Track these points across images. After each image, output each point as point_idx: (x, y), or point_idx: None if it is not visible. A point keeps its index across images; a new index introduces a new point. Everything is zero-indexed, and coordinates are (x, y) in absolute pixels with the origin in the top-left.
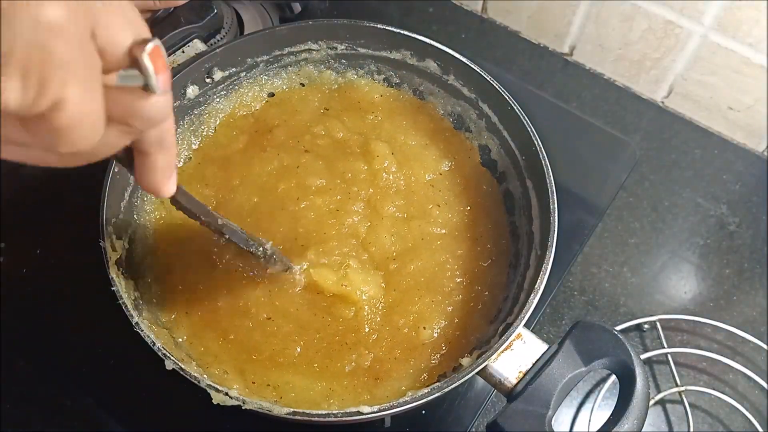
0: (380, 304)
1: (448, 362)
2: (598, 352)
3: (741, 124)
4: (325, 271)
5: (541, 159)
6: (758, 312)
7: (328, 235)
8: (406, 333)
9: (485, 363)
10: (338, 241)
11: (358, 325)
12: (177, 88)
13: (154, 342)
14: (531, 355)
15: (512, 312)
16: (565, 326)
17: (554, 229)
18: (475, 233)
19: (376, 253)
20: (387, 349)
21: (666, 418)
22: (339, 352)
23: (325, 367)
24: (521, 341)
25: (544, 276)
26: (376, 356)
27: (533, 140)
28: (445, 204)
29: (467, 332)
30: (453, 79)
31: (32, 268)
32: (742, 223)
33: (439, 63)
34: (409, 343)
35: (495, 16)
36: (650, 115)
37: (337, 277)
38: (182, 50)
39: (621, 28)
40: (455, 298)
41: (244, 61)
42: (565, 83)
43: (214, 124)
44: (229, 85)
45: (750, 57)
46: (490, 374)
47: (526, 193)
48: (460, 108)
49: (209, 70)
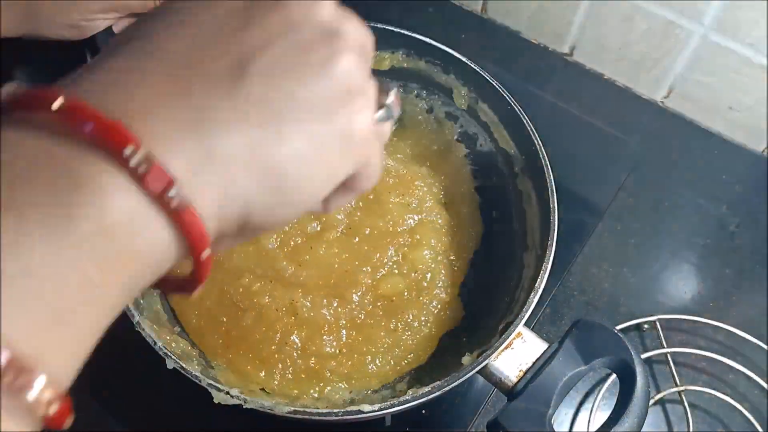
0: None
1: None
2: (599, 350)
3: (741, 125)
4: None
5: (541, 158)
6: (758, 312)
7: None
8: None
9: (486, 362)
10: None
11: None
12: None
13: (155, 341)
14: (531, 354)
15: (512, 311)
16: (564, 326)
17: (554, 228)
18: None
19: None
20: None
21: (665, 418)
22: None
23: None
24: (521, 340)
25: (544, 275)
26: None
27: (533, 139)
28: (442, 204)
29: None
30: (453, 79)
31: None
32: (742, 223)
33: (439, 62)
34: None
35: (495, 16)
36: (650, 115)
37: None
38: None
39: (621, 29)
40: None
41: None
42: (565, 83)
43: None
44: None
45: (750, 57)
46: (491, 373)
47: (526, 193)
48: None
49: None
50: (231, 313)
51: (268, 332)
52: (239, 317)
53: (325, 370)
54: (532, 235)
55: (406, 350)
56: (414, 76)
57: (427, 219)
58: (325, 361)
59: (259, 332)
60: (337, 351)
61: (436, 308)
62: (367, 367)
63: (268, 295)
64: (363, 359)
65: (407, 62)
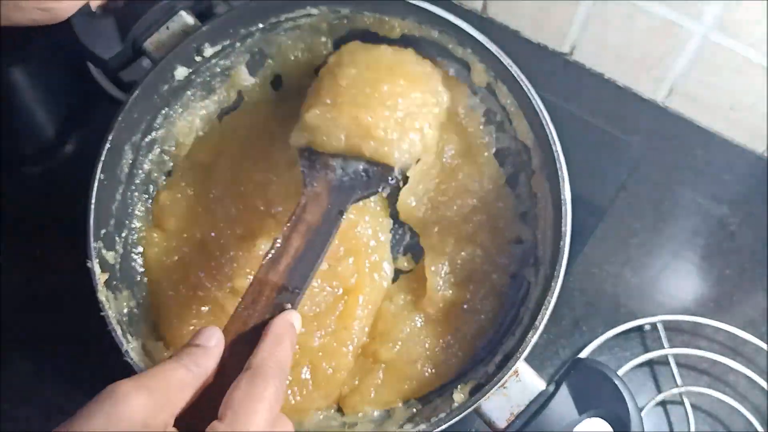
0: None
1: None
2: (595, 399)
3: (742, 125)
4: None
5: (558, 168)
6: (759, 312)
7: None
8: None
9: (479, 402)
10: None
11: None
12: (164, 73)
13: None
14: (525, 395)
15: (513, 333)
16: (565, 326)
17: (564, 253)
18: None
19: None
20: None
21: (667, 419)
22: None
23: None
24: (516, 378)
25: (547, 310)
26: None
27: (550, 143)
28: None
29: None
30: (469, 53)
31: (32, 268)
32: (743, 223)
33: (454, 36)
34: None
35: (495, 15)
36: (651, 115)
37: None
38: (167, 26)
39: (621, 28)
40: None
41: (237, 32)
42: (565, 83)
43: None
44: (222, 58)
45: (751, 57)
46: (482, 412)
47: (540, 194)
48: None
49: (198, 48)
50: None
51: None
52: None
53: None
54: (544, 248)
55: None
56: (429, 44)
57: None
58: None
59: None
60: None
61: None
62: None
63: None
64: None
65: (419, 30)
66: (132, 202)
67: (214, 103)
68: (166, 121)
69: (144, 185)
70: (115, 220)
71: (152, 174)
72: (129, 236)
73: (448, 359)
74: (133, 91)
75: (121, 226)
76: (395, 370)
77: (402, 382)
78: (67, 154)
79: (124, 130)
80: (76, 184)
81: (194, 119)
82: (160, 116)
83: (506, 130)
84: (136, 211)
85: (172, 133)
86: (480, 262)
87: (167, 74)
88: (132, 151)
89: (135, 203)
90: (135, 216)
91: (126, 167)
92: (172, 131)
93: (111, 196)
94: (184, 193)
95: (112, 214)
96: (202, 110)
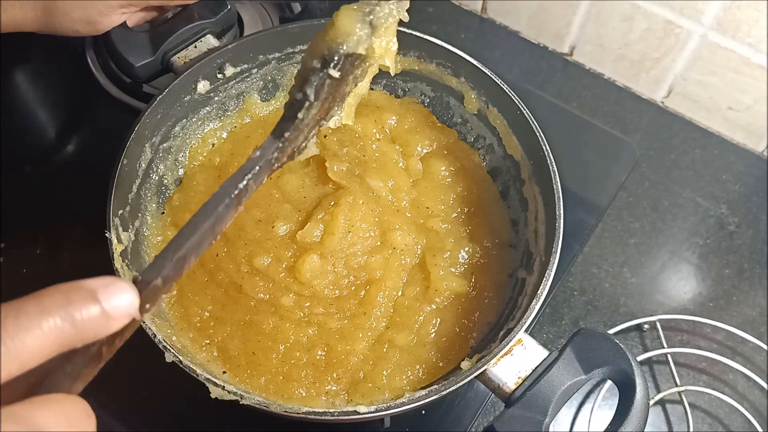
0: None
1: (448, 364)
2: (599, 360)
3: (741, 124)
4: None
5: (549, 165)
6: (758, 312)
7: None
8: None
9: (484, 367)
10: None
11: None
12: (188, 83)
13: (155, 334)
14: (531, 361)
15: (513, 316)
16: (564, 326)
17: (559, 235)
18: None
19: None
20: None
21: (666, 418)
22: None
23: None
24: (521, 346)
25: (547, 282)
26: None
27: (542, 146)
28: (448, 205)
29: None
30: (463, 82)
31: (32, 268)
32: (741, 223)
33: (450, 66)
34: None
35: (495, 16)
36: (650, 115)
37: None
38: (195, 45)
39: (621, 28)
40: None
41: (256, 57)
42: (565, 83)
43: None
44: (240, 81)
45: (750, 57)
46: (489, 379)
47: (531, 198)
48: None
49: (221, 66)
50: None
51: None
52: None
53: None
54: (536, 241)
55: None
56: (425, 79)
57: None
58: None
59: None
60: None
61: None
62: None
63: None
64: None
65: (418, 65)
66: (146, 198)
67: (226, 126)
68: (183, 131)
69: (157, 187)
70: (130, 208)
71: (164, 179)
72: (141, 227)
73: (457, 345)
74: (161, 93)
75: (135, 214)
76: (407, 356)
77: (413, 368)
78: (68, 154)
79: (148, 126)
80: (77, 184)
81: (207, 137)
82: (179, 125)
83: (495, 150)
84: (149, 207)
85: (186, 143)
86: (479, 258)
87: (191, 85)
88: (151, 151)
89: (149, 200)
90: (148, 211)
91: (144, 163)
92: (187, 142)
93: (129, 185)
94: (197, 191)
95: (129, 202)
96: (215, 128)
